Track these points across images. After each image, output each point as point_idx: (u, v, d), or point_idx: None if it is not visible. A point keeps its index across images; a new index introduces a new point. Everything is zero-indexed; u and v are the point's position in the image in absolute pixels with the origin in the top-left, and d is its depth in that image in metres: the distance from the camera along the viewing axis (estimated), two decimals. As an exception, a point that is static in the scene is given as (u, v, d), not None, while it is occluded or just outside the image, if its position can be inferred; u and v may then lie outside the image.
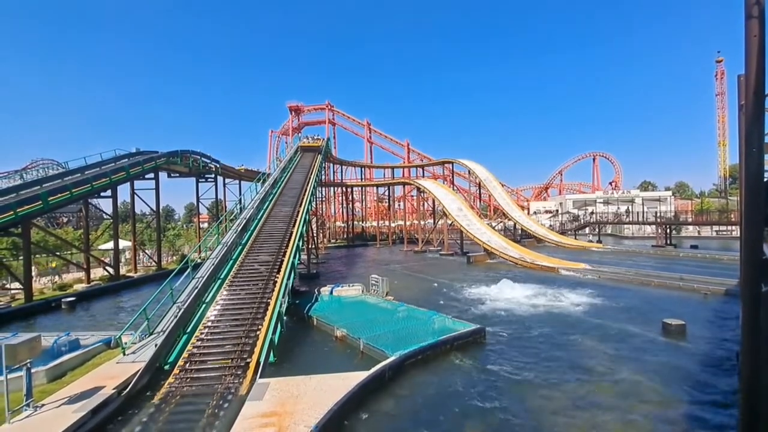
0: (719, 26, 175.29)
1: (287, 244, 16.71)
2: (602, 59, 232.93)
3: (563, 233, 45.66)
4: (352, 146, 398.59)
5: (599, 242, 39.96)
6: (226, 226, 18.34)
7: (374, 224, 56.54)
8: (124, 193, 43.84)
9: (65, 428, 6.49)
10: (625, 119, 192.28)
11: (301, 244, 17.95)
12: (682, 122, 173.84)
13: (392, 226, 52.41)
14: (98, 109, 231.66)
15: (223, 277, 14.05)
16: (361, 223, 60.79)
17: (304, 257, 21.94)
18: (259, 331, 10.73)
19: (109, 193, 25.05)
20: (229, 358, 9.71)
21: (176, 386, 8.62)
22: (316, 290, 18.01)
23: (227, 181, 39.09)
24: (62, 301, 18.05)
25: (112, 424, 7.20)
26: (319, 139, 39.76)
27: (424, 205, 46.29)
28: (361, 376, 8.36)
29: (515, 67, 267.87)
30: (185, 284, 12.62)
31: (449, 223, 37.16)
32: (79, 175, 24.28)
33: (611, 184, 76.03)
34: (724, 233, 46.91)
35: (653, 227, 41.90)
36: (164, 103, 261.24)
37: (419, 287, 20.65)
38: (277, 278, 13.77)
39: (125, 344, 10.03)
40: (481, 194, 55.66)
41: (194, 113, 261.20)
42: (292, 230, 18.17)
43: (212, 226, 29.82)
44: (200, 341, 10.43)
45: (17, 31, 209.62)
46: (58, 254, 26.77)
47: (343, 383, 7.99)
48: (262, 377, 8.63)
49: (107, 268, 24.80)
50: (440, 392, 8.57)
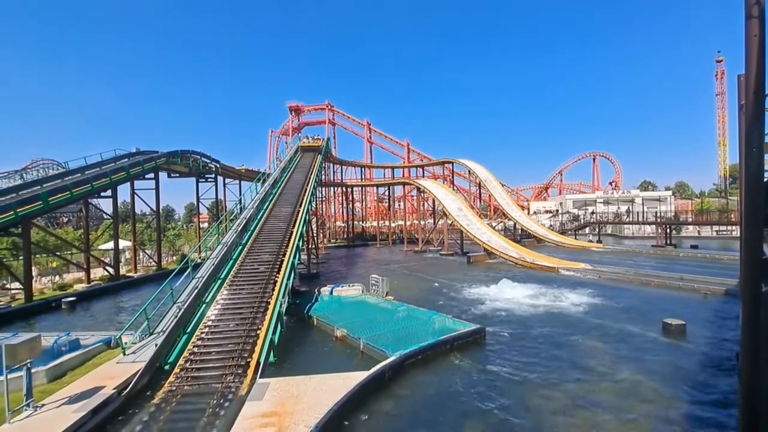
0: (719, 26, 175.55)
1: (287, 244, 16.72)
2: (602, 59, 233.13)
3: (563, 233, 45.66)
4: (352, 146, 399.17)
5: (599, 242, 39.96)
6: (226, 226, 18.34)
7: (374, 224, 56.55)
8: (124, 193, 44.02)
9: (65, 428, 6.49)
10: (625, 119, 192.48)
11: (301, 244, 17.96)
12: (682, 122, 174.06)
13: (392, 226, 52.41)
14: (98, 109, 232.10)
15: (223, 277, 14.06)
16: (361, 223, 60.78)
17: (304, 257, 21.95)
18: (259, 331, 10.74)
19: (109, 193, 25.09)
20: (229, 358, 9.72)
21: (176, 386, 8.63)
22: (316, 290, 18.02)
23: (227, 181, 39.13)
24: (62, 301, 18.06)
25: (112, 424, 7.20)
26: (319, 139, 39.74)
27: (424, 205, 46.30)
28: (361, 376, 8.36)
29: (515, 67, 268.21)
30: (185, 284, 12.62)
31: (449, 223, 37.17)
32: (79, 175, 24.31)
33: (611, 184, 76.05)
34: (724, 233, 46.91)
35: (653, 227, 41.91)
36: (164, 103, 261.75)
37: (419, 287, 20.65)
38: (277, 278, 13.78)
39: (125, 344, 10.04)
40: (481, 194, 55.68)
41: (194, 113, 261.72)
42: (292, 230, 18.18)
43: (212, 226, 29.82)
44: (200, 341, 10.44)
45: (17, 31, 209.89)
46: (58, 254, 26.78)
47: (343, 383, 8.00)
48: (262, 377, 8.64)
49: (107, 268, 24.82)
50: (440, 392, 8.57)
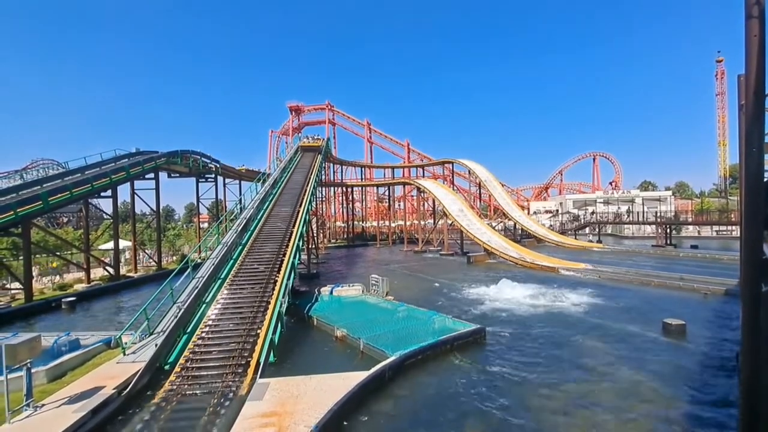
0: (719, 26, 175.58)
1: (287, 244, 16.72)
2: (602, 59, 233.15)
3: (563, 233, 45.65)
4: (352, 146, 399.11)
5: (599, 242, 39.95)
6: (226, 226, 18.34)
7: (374, 224, 56.55)
8: (124, 193, 43.89)
9: (65, 428, 6.49)
10: (625, 119, 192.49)
11: (301, 244, 17.96)
12: (682, 122, 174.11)
13: (392, 226, 52.42)
14: (98, 109, 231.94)
15: (223, 277, 14.06)
16: (361, 223, 60.78)
17: (304, 257, 21.94)
18: (259, 330, 10.74)
19: (109, 193, 25.08)
20: (229, 357, 9.72)
21: (176, 386, 8.63)
22: (316, 290, 18.01)
23: (227, 181, 39.14)
24: (62, 301, 18.05)
25: (112, 424, 7.20)
26: (319, 139, 39.75)
27: (424, 205, 46.30)
28: (361, 376, 8.36)
29: (515, 67, 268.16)
30: (185, 284, 12.62)
31: (449, 223, 37.16)
32: (79, 175, 24.31)
33: (611, 184, 76.06)
34: (724, 233, 46.91)
35: (653, 227, 41.91)
36: (164, 103, 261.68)
37: (419, 287, 20.65)
38: (277, 278, 13.78)
39: (125, 344, 10.04)
40: (481, 194, 55.69)
41: (194, 113, 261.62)
42: (292, 230, 18.18)
43: (212, 226, 29.82)
44: (200, 341, 10.44)
45: (17, 31, 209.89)
46: (58, 254, 26.78)
47: (343, 383, 8.00)
48: (262, 377, 8.64)
49: (107, 268, 24.82)
50: (440, 392, 8.57)
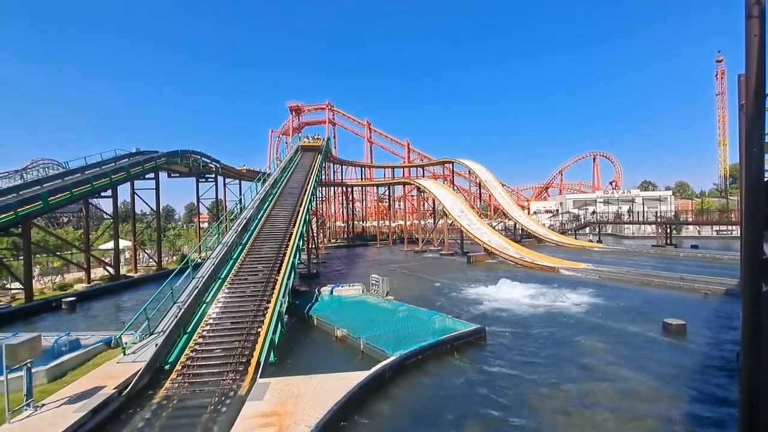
0: (719, 26, 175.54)
1: (287, 243, 16.72)
2: (602, 59, 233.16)
3: (563, 233, 45.65)
4: (352, 146, 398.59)
5: (599, 242, 39.97)
6: (226, 226, 18.34)
7: (374, 224, 56.55)
8: (124, 193, 43.72)
9: (65, 428, 6.49)
10: (625, 119, 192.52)
11: (301, 243, 17.96)
12: (682, 122, 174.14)
13: (392, 225, 52.41)
14: (98, 109, 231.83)
15: (223, 276, 14.06)
16: (361, 222, 60.78)
17: (304, 257, 21.95)
18: (259, 330, 10.74)
19: (109, 193, 25.09)
20: (229, 357, 9.72)
21: (176, 386, 8.64)
22: (316, 290, 18.02)
23: (227, 181, 39.14)
24: (62, 301, 18.04)
25: (112, 424, 7.20)
26: (319, 138, 39.76)
27: (424, 204, 46.29)
28: (361, 376, 8.36)
29: (515, 67, 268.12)
30: (185, 284, 12.62)
31: (449, 223, 37.16)
32: (79, 175, 24.31)
33: (611, 183, 76.06)
34: (724, 233, 46.91)
35: (653, 227, 41.90)
36: (164, 103, 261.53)
37: (419, 287, 20.65)
38: (277, 278, 13.79)
39: (125, 344, 10.04)
40: (481, 194, 55.67)
41: (194, 113, 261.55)
42: (292, 230, 18.18)
43: (212, 226, 29.83)
44: (201, 341, 10.45)
45: (17, 31, 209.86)
46: (58, 254, 26.80)
47: (343, 383, 8.00)
48: (262, 377, 8.64)
49: (107, 268, 24.83)
50: (440, 392, 8.57)
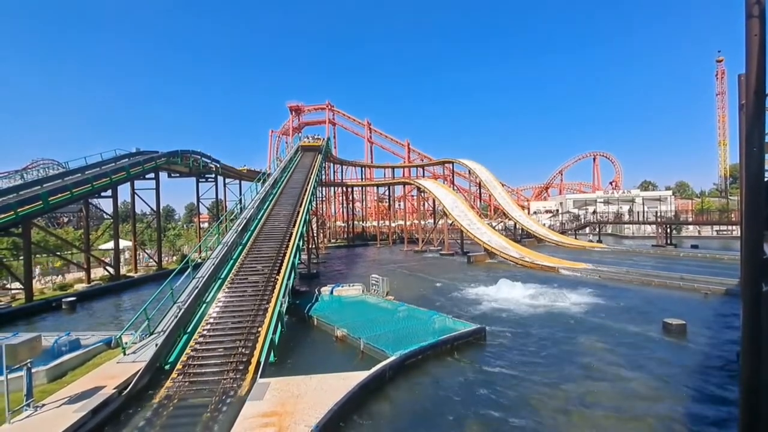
0: (719, 26, 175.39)
1: (287, 243, 16.72)
2: (602, 59, 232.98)
3: (563, 233, 45.64)
4: (352, 146, 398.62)
5: (599, 242, 39.96)
6: (226, 226, 18.34)
7: (374, 224, 56.55)
8: (124, 193, 43.72)
9: (66, 428, 6.49)
10: (625, 119, 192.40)
11: (301, 243, 17.96)
12: (682, 122, 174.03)
13: (392, 225, 52.41)
14: (98, 109, 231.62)
15: (223, 276, 14.06)
16: (361, 222, 60.79)
17: (304, 257, 21.95)
18: (259, 330, 10.74)
19: (109, 193, 25.10)
20: (229, 357, 9.73)
21: (177, 386, 8.63)
22: (316, 290, 18.02)
23: (228, 181, 39.15)
24: (63, 301, 18.05)
25: (112, 424, 7.20)
26: (319, 138, 39.74)
27: (424, 204, 46.29)
28: (361, 375, 8.36)
29: (515, 67, 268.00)
30: (186, 284, 12.62)
31: (449, 222, 37.16)
32: (79, 175, 24.31)
33: (611, 183, 76.06)
34: (724, 233, 46.90)
35: (653, 227, 41.89)
36: (164, 103, 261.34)
37: (419, 287, 20.65)
38: (277, 278, 13.79)
39: (126, 344, 10.04)
40: (481, 194, 55.67)
41: (194, 113, 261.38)
42: (292, 230, 18.18)
43: (212, 226, 29.83)
44: (201, 341, 10.44)
45: (17, 31, 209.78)
46: (58, 254, 26.80)
47: (343, 383, 8.00)
48: (262, 377, 8.64)
49: (108, 268, 24.83)
50: (440, 392, 8.57)
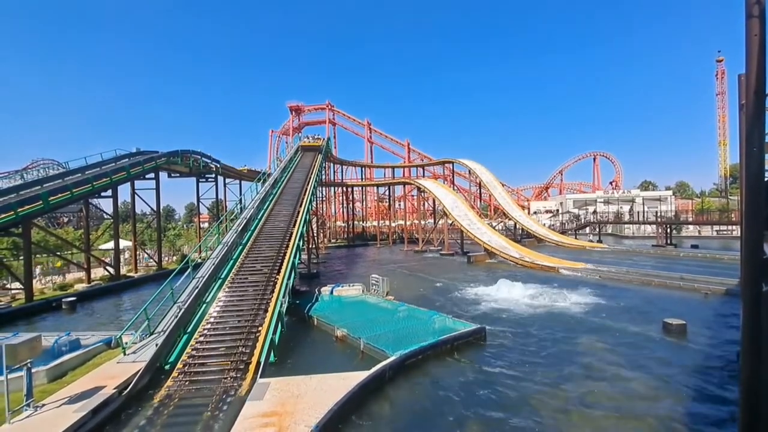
0: (719, 26, 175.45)
1: (287, 243, 16.71)
2: (602, 59, 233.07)
3: (563, 233, 45.62)
4: (352, 146, 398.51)
5: (599, 242, 39.94)
6: (226, 226, 18.34)
7: (374, 224, 56.55)
8: (124, 193, 43.67)
9: (66, 428, 6.49)
10: (625, 119, 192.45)
11: (301, 243, 17.96)
12: (682, 122, 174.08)
13: (392, 225, 52.41)
14: (98, 109, 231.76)
15: (223, 276, 14.07)
16: (361, 222, 60.79)
17: (304, 257, 21.95)
18: (259, 330, 10.74)
19: (109, 193, 25.09)
20: (229, 357, 9.73)
21: (177, 386, 8.64)
22: (316, 290, 18.02)
23: (228, 181, 39.15)
24: (63, 301, 18.04)
25: (112, 424, 7.20)
26: (319, 138, 39.73)
27: (424, 204, 46.29)
28: (361, 375, 8.36)
29: (515, 67, 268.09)
30: (186, 284, 12.63)
31: (449, 222, 37.15)
32: (79, 175, 24.32)
33: (612, 183, 76.07)
34: (724, 233, 46.88)
35: (653, 227, 41.89)
36: (164, 103, 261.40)
37: (420, 287, 20.65)
38: (277, 278, 13.78)
39: (126, 344, 10.05)
40: (481, 194, 55.67)
41: (194, 113, 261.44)
42: (292, 230, 18.17)
43: (213, 226, 29.83)
44: (201, 341, 10.45)
45: (17, 31, 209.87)
46: (58, 254, 26.80)
47: (343, 383, 8.00)
48: (262, 377, 8.64)
49: (108, 268, 24.83)
50: (440, 392, 8.56)
